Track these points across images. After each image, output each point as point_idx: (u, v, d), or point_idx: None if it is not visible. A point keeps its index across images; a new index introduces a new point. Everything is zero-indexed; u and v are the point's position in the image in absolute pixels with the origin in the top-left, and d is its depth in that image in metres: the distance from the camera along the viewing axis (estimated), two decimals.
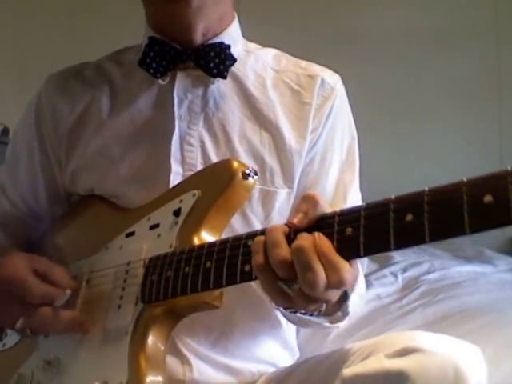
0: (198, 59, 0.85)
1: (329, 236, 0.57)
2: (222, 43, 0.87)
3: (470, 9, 3.04)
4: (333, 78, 0.94)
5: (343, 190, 0.90)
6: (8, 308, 0.78)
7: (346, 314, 0.83)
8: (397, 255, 2.53)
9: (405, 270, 2.27)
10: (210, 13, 0.86)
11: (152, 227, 0.79)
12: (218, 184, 0.75)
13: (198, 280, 0.66)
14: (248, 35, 0.98)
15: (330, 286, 0.56)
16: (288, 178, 0.87)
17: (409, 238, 0.53)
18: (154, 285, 0.71)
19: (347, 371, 0.67)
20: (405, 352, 0.63)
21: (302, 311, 0.64)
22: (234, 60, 0.88)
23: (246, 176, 0.74)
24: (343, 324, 0.82)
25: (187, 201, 0.76)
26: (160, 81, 0.87)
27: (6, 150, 1.01)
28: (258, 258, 0.59)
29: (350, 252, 0.56)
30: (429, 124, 3.07)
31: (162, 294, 0.70)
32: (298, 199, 0.87)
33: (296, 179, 0.88)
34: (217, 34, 0.89)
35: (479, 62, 3.05)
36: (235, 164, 0.76)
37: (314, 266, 0.55)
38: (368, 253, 0.55)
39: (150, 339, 0.71)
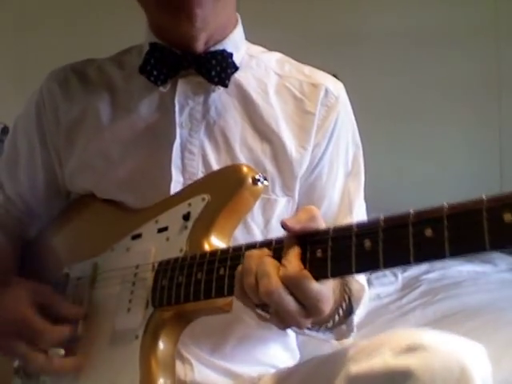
0: (200, 66, 0.84)
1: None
2: (224, 51, 0.86)
3: (469, 9, 3.04)
4: (336, 87, 0.92)
5: (348, 201, 0.89)
6: (12, 345, 0.76)
7: (351, 328, 0.84)
8: None
9: (405, 270, 2.27)
10: (213, 24, 0.84)
11: (160, 230, 0.78)
12: (227, 189, 0.74)
13: (211, 287, 0.66)
14: (247, 35, 0.98)
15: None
16: (287, 187, 0.87)
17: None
18: (165, 289, 0.71)
19: (353, 369, 0.66)
20: (410, 349, 0.63)
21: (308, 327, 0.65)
22: (236, 68, 0.87)
23: (255, 181, 0.73)
24: (349, 341, 0.83)
25: (196, 205, 0.75)
26: (161, 88, 0.86)
27: (4, 145, 1.00)
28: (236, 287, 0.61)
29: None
30: (429, 124, 3.07)
31: (173, 298, 0.69)
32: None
33: (296, 187, 0.87)
34: (219, 41, 0.87)
35: (479, 62, 3.05)
36: (245, 169, 0.75)
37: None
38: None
39: (161, 343, 0.71)
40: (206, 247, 0.71)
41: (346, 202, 0.89)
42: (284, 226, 0.59)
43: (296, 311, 0.57)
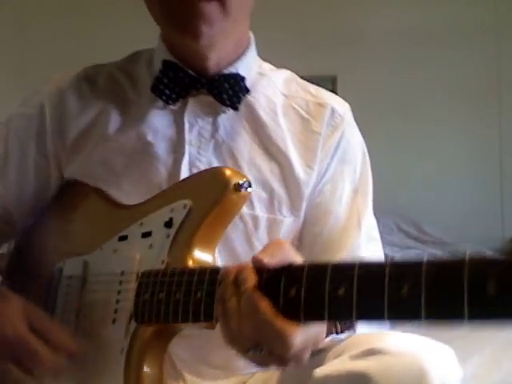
0: (212, 88, 0.84)
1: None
2: (237, 75, 0.86)
3: (470, 9, 3.04)
4: (342, 107, 0.92)
5: (357, 215, 0.89)
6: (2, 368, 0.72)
7: (353, 331, 0.82)
8: (397, 255, 2.53)
9: None
10: (222, 45, 0.84)
11: (144, 235, 0.76)
12: (209, 195, 0.71)
13: (188, 310, 0.64)
14: None
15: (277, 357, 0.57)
16: (294, 207, 0.86)
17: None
18: (146, 305, 0.69)
19: (318, 371, 0.66)
20: (369, 353, 0.63)
21: None
22: (248, 91, 0.87)
23: (239, 187, 0.70)
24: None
25: (178, 212, 0.73)
26: (171, 106, 0.86)
27: None
28: (226, 331, 0.60)
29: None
30: (429, 124, 3.07)
31: (154, 316, 0.68)
32: (301, 230, 0.87)
33: (303, 207, 0.87)
34: (231, 62, 0.87)
35: (479, 62, 3.05)
36: (228, 172, 0.71)
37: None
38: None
39: (147, 359, 0.69)
40: (188, 261, 0.70)
41: (354, 216, 0.89)
42: (258, 263, 0.58)
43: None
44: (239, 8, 0.82)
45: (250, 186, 0.71)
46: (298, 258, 0.60)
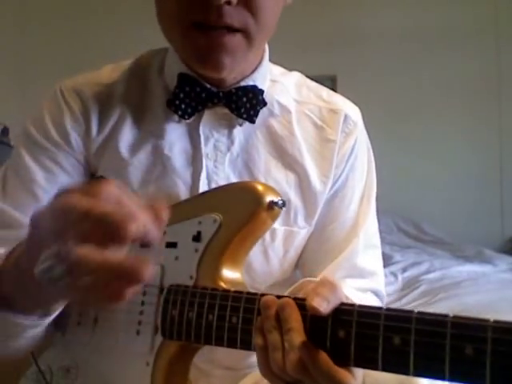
0: (229, 102, 0.83)
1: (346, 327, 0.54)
2: (255, 87, 0.84)
3: (469, 9, 3.05)
4: (355, 113, 0.91)
5: (361, 221, 0.88)
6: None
7: None
8: (397, 255, 2.53)
9: (405, 270, 2.27)
10: (240, 66, 0.83)
11: (168, 245, 0.74)
12: (241, 211, 0.69)
13: (223, 335, 0.63)
14: None
15: None
16: (309, 217, 0.85)
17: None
18: (175, 322, 0.68)
19: None
20: None
21: None
22: (265, 104, 0.86)
23: (272, 205, 0.68)
24: None
25: (207, 226, 0.72)
26: (186, 120, 0.85)
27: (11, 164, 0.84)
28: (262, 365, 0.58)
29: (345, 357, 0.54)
30: (429, 124, 3.08)
31: (184, 335, 0.67)
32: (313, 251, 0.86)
33: (316, 216, 0.86)
34: (248, 75, 0.85)
35: (479, 62, 3.06)
36: (261, 188, 0.69)
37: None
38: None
39: (173, 373, 0.69)
40: (218, 279, 0.68)
41: (358, 225, 0.89)
42: (316, 312, 0.54)
43: None
44: (263, 39, 0.81)
45: (284, 204, 0.69)
46: (345, 299, 0.58)
